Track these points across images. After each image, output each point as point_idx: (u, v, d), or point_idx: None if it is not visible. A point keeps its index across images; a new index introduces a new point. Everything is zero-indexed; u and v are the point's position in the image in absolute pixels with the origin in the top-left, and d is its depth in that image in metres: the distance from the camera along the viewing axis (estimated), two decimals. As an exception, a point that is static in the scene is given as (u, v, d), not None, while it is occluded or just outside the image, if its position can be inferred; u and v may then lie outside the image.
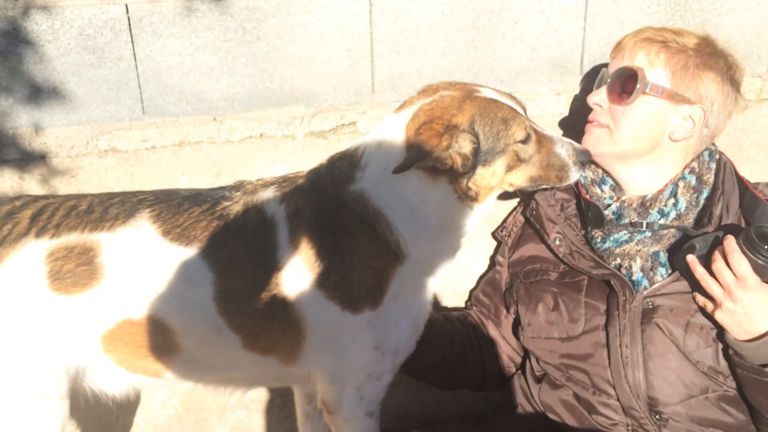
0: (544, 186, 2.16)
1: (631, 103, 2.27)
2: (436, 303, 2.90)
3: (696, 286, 2.15)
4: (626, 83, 2.29)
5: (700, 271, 2.11)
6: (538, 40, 2.84)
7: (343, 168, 2.11)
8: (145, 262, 2.03)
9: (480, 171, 2.03)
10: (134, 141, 2.64)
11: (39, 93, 2.56)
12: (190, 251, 2.03)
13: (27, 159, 2.57)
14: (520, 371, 2.62)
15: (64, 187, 2.61)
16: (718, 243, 2.10)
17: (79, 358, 2.09)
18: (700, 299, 2.16)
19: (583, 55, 2.89)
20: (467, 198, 2.07)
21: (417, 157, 1.93)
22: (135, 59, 2.59)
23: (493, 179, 2.06)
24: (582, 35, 2.86)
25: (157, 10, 2.54)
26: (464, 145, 1.96)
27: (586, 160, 2.15)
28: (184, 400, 2.98)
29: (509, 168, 2.06)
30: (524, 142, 2.05)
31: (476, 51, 2.80)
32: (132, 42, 2.57)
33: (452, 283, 2.99)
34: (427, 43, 2.76)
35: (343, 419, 2.23)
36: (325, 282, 2.04)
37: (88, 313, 2.01)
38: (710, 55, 2.26)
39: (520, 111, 2.10)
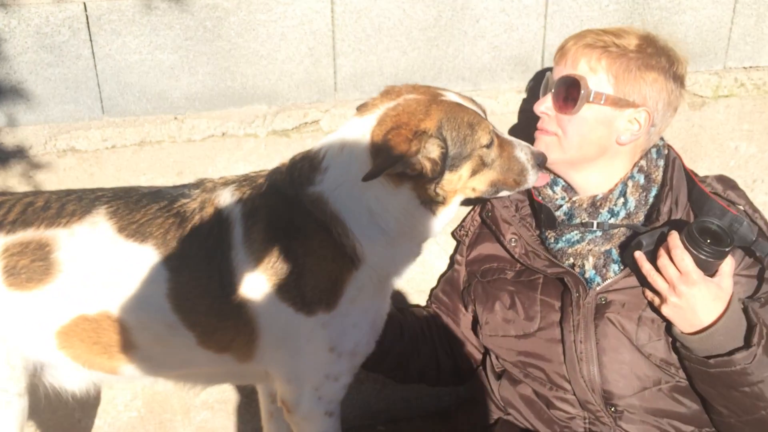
0: (503, 193, 2.17)
1: (576, 112, 2.28)
2: (400, 301, 2.91)
3: (644, 281, 2.18)
4: (570, 91, 2.28)
5: (646, 267, 2.14)
6: (499, 38, 2.86)
7: (303, 170, 2.10)
8: (101, 259, 2.02)
9: (447, 176, 2.02)
10: (94, 141, 2.61)
11: (-6, 92, 2.53)
12: (145, 248, 2.03)
13: (-17, 159, 2.53)
14: (481, 367, 2.64)
15: (22, 187, 2.57)
16: (664, 239, 2.13)
17: (36, 355, 2.09)
18: (649, 294, 2.20)
19: (544, 53, 2.91)
20: (432, 203, 2.06)
21: (387, 162, 1.91)
22: (94, 58, 2.56)
23: (458, 184, 2.06)
24: (543, 33, 2.89)
25: (116, 8, 2.52)
26: (433, 150, 1.95)
27: (542, 162, 2.17)
28: (148, 401, 2.95)
29: (474, 173, 2.07)
30: (488, 146, 2.06)
31: (438, 49, 2.82)
32: (90, 40, 2.54)
33: (417, 280, 3.00)
34: (389, 41, 2.76)
35: (301, 418, 2.23)
36: (278, 283, 2.04)
37: (44, 309, 2.01)
38: (651, 55, 2.27)
39: (483, 115, 2.11)
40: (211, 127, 2.68)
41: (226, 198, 2.11)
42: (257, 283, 2.04)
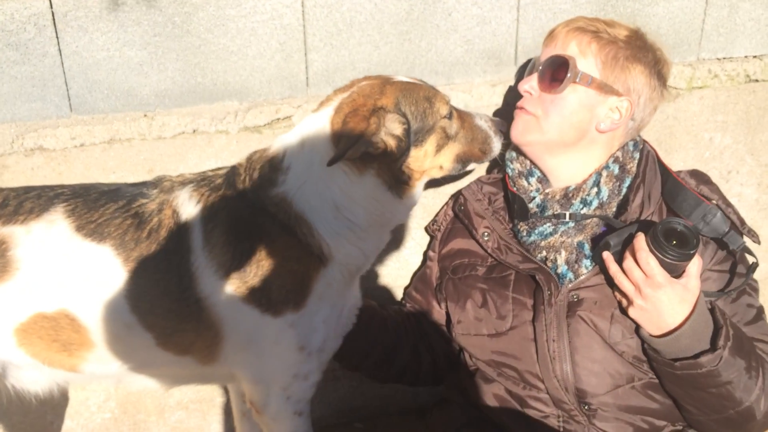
0: (471, 165, 2.20)
1: (561, 91, 2.26)
2: (379, 298, 2.89)
3: (612, 282, 2.17)
4: (557, 71, 2.27)
5: (613, 269, 2.13)
6: (472, 32, 2.84)
7: (263, 171, 2.08)
8: (58, 257, 2.00)
9: (413, 152, 2.04)
10: (62, 139, 2.57)
11: (-41, 91, 2.49)
12: (103, 248, 2.01)
13: (-53, 159, 2.49)
14: (455, 367, 2.62)
15: (-11, 187, 2.53)
16: (632, 239, 2.11)
17: None
18: (617, 295, 2.19)
19: (517, 46, 2.90)
20: (398, 186, 2.06)
21: (349, 143, 1.91)
22: (60, 55, 2.53)
23: (425, 161, 2.07)
24: (516, 26, 2.88)
25: (82, 4, 2.48)
26: (394, 127, 1.97)
27: (504, 129, 2.22)
28: (122, 402, 2.92)
29: (439, 147, 2.09)
30: (449, 117, 2.09)
31: (411, 43, 2.80)
32: (57, 38, 2.51)
33: (393, 276, 2.99)
34: (361, 35, 2.74)
35: (270, 419, 2.22)
36: (241, 286, 2.02)
37: (1, 306, 1.99)
38: (640, 48, 2.27)
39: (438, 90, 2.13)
40: (182, 124, 2.65)
41: (184, 199, 2.09)
42: (219, 287, 2.02)
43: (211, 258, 2.02)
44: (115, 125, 2.61)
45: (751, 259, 2.30)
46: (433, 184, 2.82)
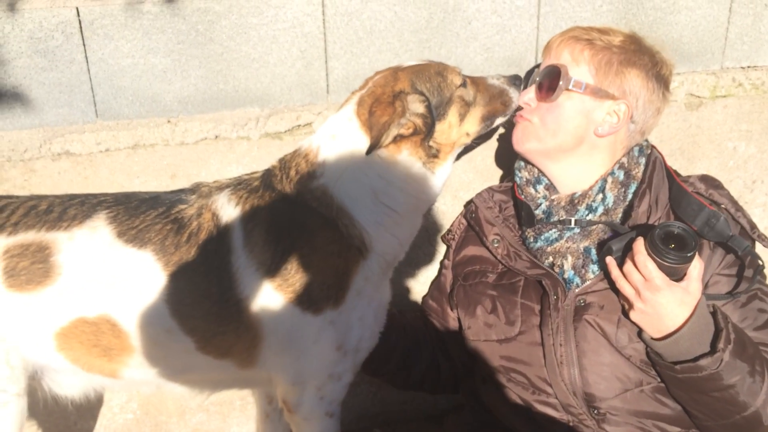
0: (498, 121, 2.30)
1: (555, 99, 2.30)
2: (401, 304, 2.90)
3: (615, 286, 2.17)
4: (552, 81, 2.32)
5: (614, 273, 2.14)
6: (492, 40, 2.86)
7: (300, 167, 2.13)
8: (100, 263, 2.04)
9: (438, 127, 2.13)
10: (88, 144, 2.63)
11: (-10, 97, 2.56)
12: (144, 253, 2.05)
13: (-22, 163, 2.56)
14: (471, 373, 2.63)
15: (17, 190, 2.60)
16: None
17: (35, 356, 2.10)
18: (621, 299, 2.19)
19: (537, 53, 2.91)
20: (430, 160, 2.13)
21: (383, 129, 2.00)
22: (87, 62, 2.59)
23: (451, 132, 2.16)
24: (536, 34, 2.89)
25: (108, 12, 2.55)
26: (416, 106, 2.07)
27: (518, 81, 2.32)
28: (144, 403, 2.97)
29: (461, 116, 2.18)
30: (464, 86, 2.20)
31: (430, 51, 2.82)
32: (84, 45, 2.57)
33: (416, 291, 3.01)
34: (381, 43, 2.77)
35: (302, 419, 2.24)
36: (282, 284, 2.05)
37: (42, 311, 2.03)
38: (634, 52, 2.29)
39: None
40: (204, 129, 2.70)
41: (222, 203, 2.13)
42: (260, 287, 2.05)
43: (251, 257, 2.06)
44: (140, 131, 2.66)
45: (759, 263, 2.27)
46: (450, 190, 2.85)
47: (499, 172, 2.90)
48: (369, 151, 2.01)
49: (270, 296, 2.06)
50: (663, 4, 2.95)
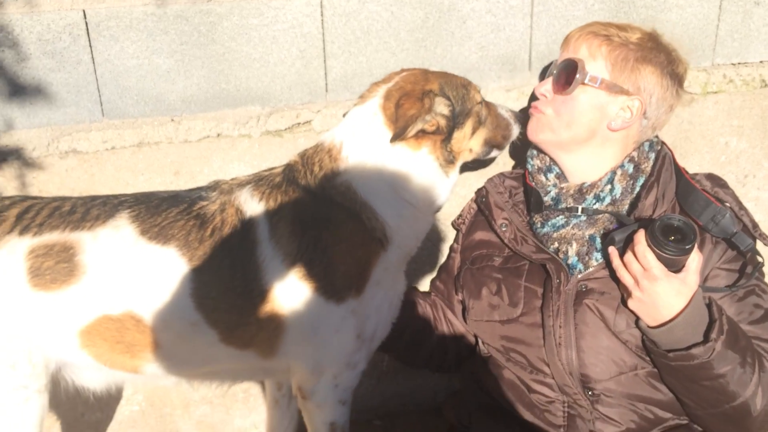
0: (494, 153, 2.40)
1: (570, 92, 2.37)
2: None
3: (616, 275, 2.24)
4: (568, 74, 2.38)
5: (615, 262, 2.21)
6: (486, 39, 2.93)
7: (323, 162, 2.21)
8: (124, 261, 2.09)
9: (456, 134, 2.24)
10: (94, 142, 2.71)
11: (0, 98, 2.64)
12: (167, 250, 2.11)
13: (-11, 161, 2.65)
14: (471, 354, 2.70)
15: (26, 187, 2.68)
16: None
17: (58, 353, 2.15)
18: (621, 287, 2.25)
19: (531, 52, 2.98)
20: (446, 163, 2.23)
21: (409, 121, 2.10)
22: (93, 63, 2.67)
23: (464, 142, 2.27)
24: (529, 33, 2.96)
25: (114, 14, 2.63)
26: (442, 108, 2.18)
27: (522, 119, 2.43)
28: (149, 396, 3.04)
29: (474, 130, 2.29)
30: (481, 104, 2.30)
31: (426, 50, 2.89)
32: (90, 46, 2.65)
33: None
34: (378, 42, 2.85)
35: (316, 406, 2.30)
36: (308, 274, 2.12)
37: (67, 309, 2.07)
38: (651, 50, 2.35)
39: None
40: (207, 128, 2.78)
41: (246, 198, 2.20)
42: (285, 277, 2.12)
43: (277, 249, 2.12)
44: (144, 129, 2.74)
45: (759, 260, 2.33)
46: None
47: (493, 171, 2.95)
48: (392, 140, 2.11)
49: (295, 286, 2.13)
50: (654, 2, 3.02)
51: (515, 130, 2.44)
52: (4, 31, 2.56)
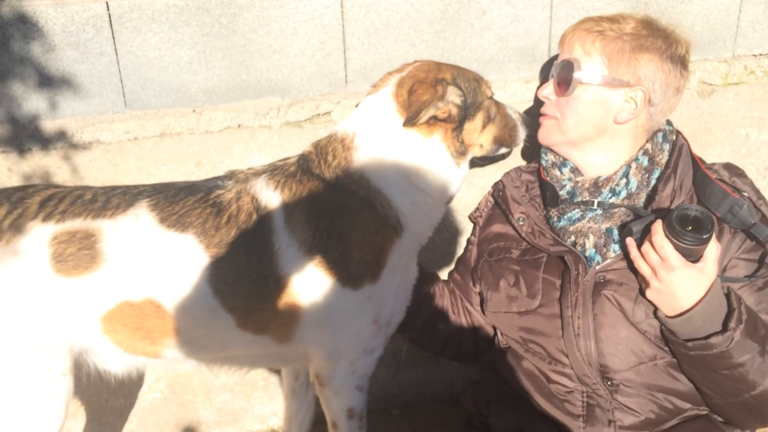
0: (502, 150, 2.40)
1: (571, 93, 2.38)
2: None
3: (633, 266, 2.25)
4: (566, 76, 2.39)
5: (633, 253, 2.22)
6: (505, 30, 2.93)
7: (336, 152, 2.24)
8: (143, 248, 2.14)
9: (466, 125, 2.26)
10: (117, 133, 2.75)
11: (26, 89, 2.68)
12: (185, 237, 2.15)
13: (15, 150, 2.69)
14: (491, 346, 2.72)
15: (51, 177, 2.73)
16: None
17: (81, 338, 2.18)
18: (639, 278, 2.26)
19: (551, 43, 2.98)
20: (457, 155, 2.26)
21: (421, 107, 2.13)
22: (116, 54, 2.71)
23: (474, 135, 2.28)
24: (549, 24, 2.96)
25: (137, 6, 2.66)
26: (454, 97, 2.21)
27: (529, 123, 2.44)
28: (171, 383, 3.08)
29: (484, 125, 2.30)
30: (491, 99, 2.35)
31: (445, 41, 2.90)
32: (113, 38, 2.69)
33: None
34: (398, 34, 2.86)
35: (334, 392, 2.34)
36: (323, 261, 2.15)
37: (89, 295, 2.12)
38: (646, 37, 2.33)
39: None
40: (228, 118, 2.81)
41: (261, 187, 2.23)
42: (301, 264, 2.16)
43: (293, 236, 2.16)
44: (166, 120, 2.78)
45: None
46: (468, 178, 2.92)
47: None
48: (406, 123, 2.13)
49: (310, 272, 2.16)
50: (674, -7, 3.01)
51: (521, 133, 2.46)
52: (30, 23, 2.60)
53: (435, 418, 3.26)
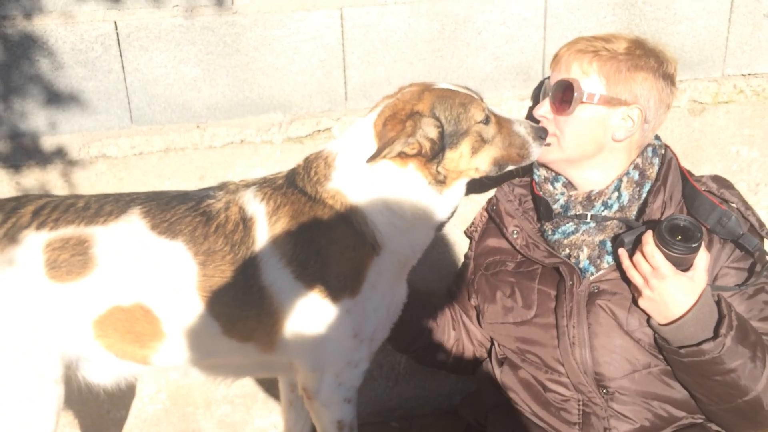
0: (510, 167, 2.32)
1: (571, 113, 2.42)
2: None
3: (626, 276, 2.31)
4: (565, 95, 2.43)
5: (625, 263, 2.28)
6: (501, 49, 3.02)
7: (319, 168, 2.29)
8: (134, 254, 2.19)
9: (448, 154, 2.21)
10: (123, 148, 2.82)
11: (35, 105, 2.76)
12: (175, 244, 2.20)
13: (24, 164, 2.76)
14: (488, 356, 2.76)
15: (57, 190, 2.79)
16: None
17: (72, 344, 2.23)
18: (632, 288, 2.32)
19: (544, 62, 3.06)
20: (436, 183, 2.23)
21: (387, 144, 2.13)
22: (123, 72, 2.79)
23: (461, 162, 2.23)
24: (542, 44, 3.04)
25: (144, 26, 2.75)
26: (429, 130, 2.16)
27: (544, 135, 2.34)
28: (172, 394, 3.12)
29: (474, 150, 2.24)
30: (485, 122, 2.24)
31: (442, 60, 2.99)
32: (121, 56, 2.77)
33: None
34: (396, 53, 2.95)
35: (321, 405, 2.37)
36: (302, 273, 2.20)
37: (81, 300, 2.17)
38: (640, 56, 2.40)
39: (477, 97, 2.29)
40: (231, 134, 2.88)
41: (249, 198, 2.29)
42: (282, 275, 2.20)
43: (274, 247, 2.21)
44: (171, 135, 2.85)
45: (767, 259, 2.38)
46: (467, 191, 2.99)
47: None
48: (368, 160, 2.14)
49: (290, 284, 2.21)
50: (665, 14, 3.10)
51: (534, 150, 2.32)
52: (41, 41, 2.69)
53: (433, 430, 3.29)
